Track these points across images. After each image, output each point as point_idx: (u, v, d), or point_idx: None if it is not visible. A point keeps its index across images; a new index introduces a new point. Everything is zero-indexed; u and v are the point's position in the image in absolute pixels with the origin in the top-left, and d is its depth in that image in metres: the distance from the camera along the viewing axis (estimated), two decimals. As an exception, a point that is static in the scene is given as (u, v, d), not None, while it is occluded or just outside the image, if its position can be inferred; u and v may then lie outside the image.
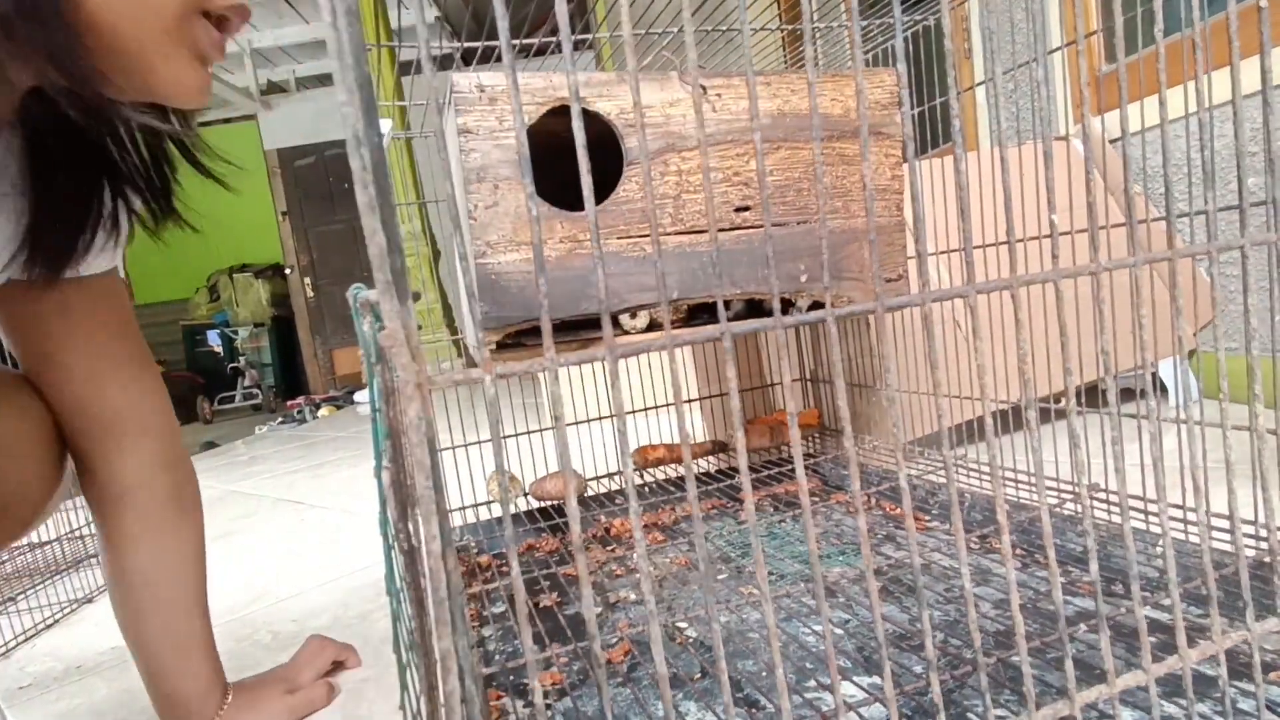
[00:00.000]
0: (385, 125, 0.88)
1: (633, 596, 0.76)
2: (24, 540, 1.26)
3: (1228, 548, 0.60)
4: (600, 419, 1.16)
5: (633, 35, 0.23)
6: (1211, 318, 1.34)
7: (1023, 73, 1.55)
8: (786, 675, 0.56)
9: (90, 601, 1.13)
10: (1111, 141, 1.42)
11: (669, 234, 0.61)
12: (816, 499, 0.99)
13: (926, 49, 0.91)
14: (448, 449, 1.05)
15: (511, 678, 0.61)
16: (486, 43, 0.87)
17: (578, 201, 0.67)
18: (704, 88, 0.62)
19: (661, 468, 1.13)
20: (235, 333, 4.92)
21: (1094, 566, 0.30)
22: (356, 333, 0.40)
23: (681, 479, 1.13)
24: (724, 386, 1.19)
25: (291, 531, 1.38)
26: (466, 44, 0.86)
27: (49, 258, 0.53)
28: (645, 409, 1.06)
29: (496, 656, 0.65)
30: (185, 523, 0.63)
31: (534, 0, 0.80)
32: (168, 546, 0.62)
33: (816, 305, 0.67)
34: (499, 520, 1.04)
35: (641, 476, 1.12)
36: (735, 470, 1.14)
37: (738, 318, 0.66)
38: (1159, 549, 0.63)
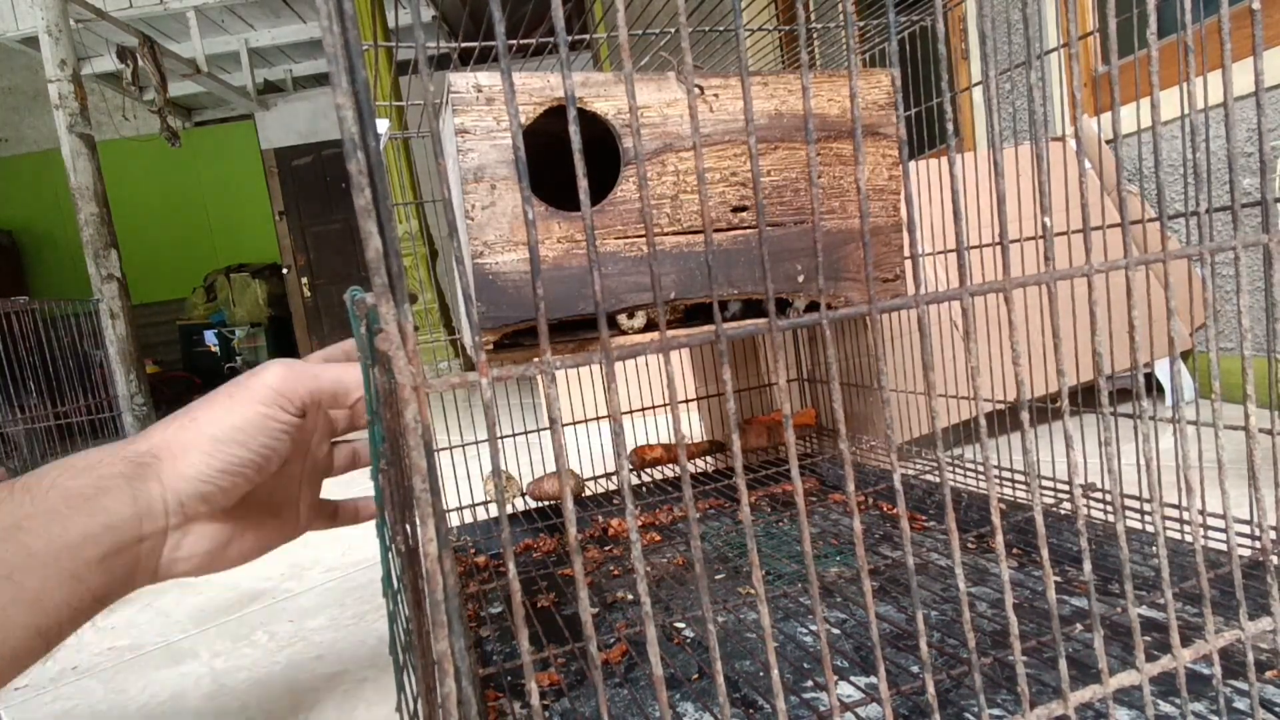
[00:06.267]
0: (382, 125, 0.88)
1: (630, 597, 0.76)
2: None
3: (1223, 547, 0.61)
4: (598, 419, 1.16)
5: (630, 36, 0.24)
6: (1205, 319, 1.35)
7: (1019, 73, 1.55)
8: (784, 675, 0.56)
9: (87, 602, 1.12)
10: (1108, 142, 1.42)
11: (666, 234, 0.61)
12: (814, 499, 0.99)
13: (924, 48, 0.91)
14: (445, 449, 1.05)
15: (509, 678, 0.61)
16: (484, 43, 0.87)
17: (576, 201, 0.67)
18: (701, 88, 0.62)
19: (659, 468, 1.13)
20: (232, 332, 4.91)
21: (1087, 566, 0.30)
22: (354, 335, 0.40)
23: (679, 479, 1.13)
24: (721, 387, 1.19)
25: (289, 532, 1.38)
26: (464, 44, 0.86)
27: None
28: (643, 409, 1.06)
29: (494, 657, 0.65)
30: None
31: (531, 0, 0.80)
32: None
33: (814, 305, 0.67)
34: (497, 520, 1.04)
35: (639, 477, 1.13)
36: (734, 470, 1.15)
37: (736, 317, 0.66)
38: (1154, 548, 0.64)
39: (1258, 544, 0.58)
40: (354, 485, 0.57)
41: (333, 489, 0.57)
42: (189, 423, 0.41)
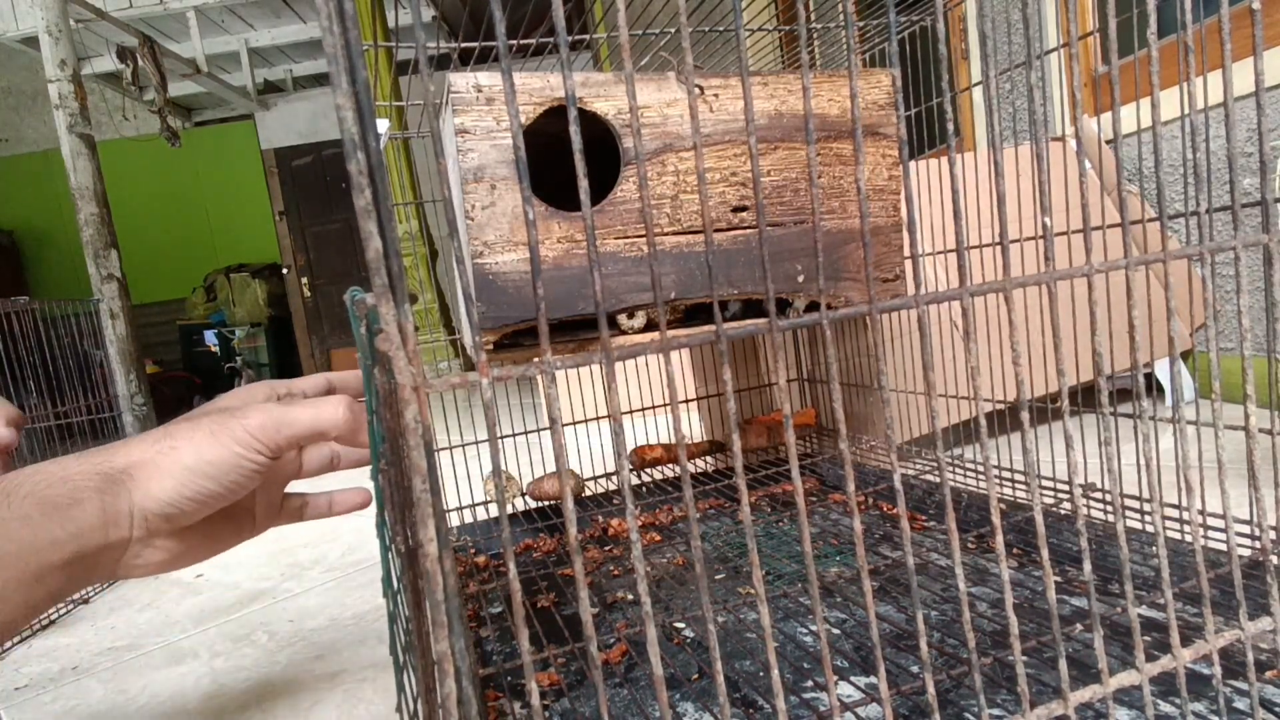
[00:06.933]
0: (382, 125, 0.88)
1: (630, 597, 0.76)
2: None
3: (1222, 547, 0.61)
4: (598, 419, 1.16)
5: (630, 36, 0.24)
6: (1205, 319, 1.34)
7: (1019, 73, 1.55)
8: (784, 675, 0.56)
9: (86, 602, 1.12)
10: (1108, 142, 1.42)
11: (667, 234, 0.61)
12: (814, 499, 0.99)
13: (924, 48, 0.91)
14: (445, 449, 1.05)
15: (509, 679, 0.61)
16: (484, 43, 0.87)
17: (576, 201, 0.67)
18: (701, 88, 0.62)
19: (659, 468, 1.13)
20: (232, 333, 4.91)
21: (1087, 566, 0.30)
22: (354, 335, 0.40)
23: (679, 479, 1.13)
24: (721, 387, 1.19)
25: (287, 532, 1.38)
26: (464, 44, 0.86)
27: None
28: (643, 409, 1.06)
29: (494, 657, 0.65)
30: None
31: None
32: None
33: (814, 305, 0.67)
34: (497, 520, 1.04)
35: (639, 477, 1.13)
36: (734, 470, 1.14)
37: (736, 317, 0.66)
38: (1154, 548, 0.64)
39: (1257, 544, 0.58)
40: (356, 481, 0.57)
41: (330, 484, 0.57)
42: (169, 450, 0.44)
